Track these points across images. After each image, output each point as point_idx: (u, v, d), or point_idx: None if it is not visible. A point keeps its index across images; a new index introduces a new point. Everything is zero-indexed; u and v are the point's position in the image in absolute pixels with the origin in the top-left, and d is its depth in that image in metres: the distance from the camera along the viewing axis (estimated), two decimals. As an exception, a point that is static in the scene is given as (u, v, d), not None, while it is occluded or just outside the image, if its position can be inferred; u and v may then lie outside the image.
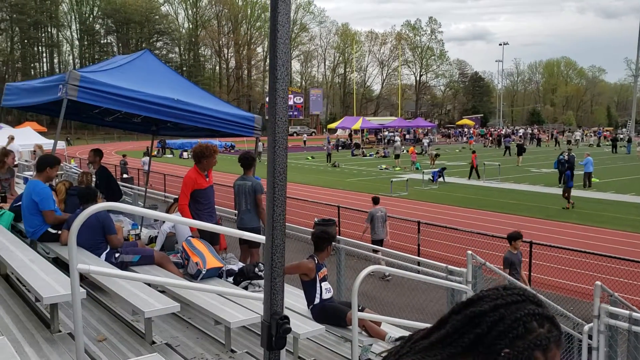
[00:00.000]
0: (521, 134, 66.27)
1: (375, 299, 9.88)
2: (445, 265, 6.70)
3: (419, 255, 11.71)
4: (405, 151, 41.25)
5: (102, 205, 3.42)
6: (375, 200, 13.43)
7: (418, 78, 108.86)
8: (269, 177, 1.27)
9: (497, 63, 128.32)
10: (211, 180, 7.04)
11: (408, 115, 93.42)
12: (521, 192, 24.62)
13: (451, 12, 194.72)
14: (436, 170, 28.37)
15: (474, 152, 31.50)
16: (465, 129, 74.37)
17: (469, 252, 6.59)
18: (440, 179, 27.51)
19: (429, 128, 67.28)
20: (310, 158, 43.37)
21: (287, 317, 1.25)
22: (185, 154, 44.22)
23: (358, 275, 4.21)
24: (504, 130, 71.98)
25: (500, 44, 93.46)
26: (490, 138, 61.78)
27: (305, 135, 66.59)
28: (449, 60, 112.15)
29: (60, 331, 4.02)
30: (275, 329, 1.24)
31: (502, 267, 8.91)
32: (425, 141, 51.94)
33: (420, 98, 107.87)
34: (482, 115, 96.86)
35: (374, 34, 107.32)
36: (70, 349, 3.70)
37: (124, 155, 27.70)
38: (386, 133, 58.71)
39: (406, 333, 5.38)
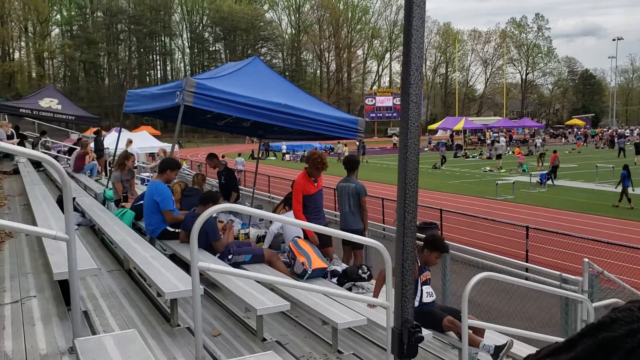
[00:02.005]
0: (636, 133, 61.71)
1: (481, 306, 9.55)
2: (559, 273, 6.38)
3: (527, 262, 11.20)
4: (510, 152, 39.61)
5: (223, 206, 3.55)
6: None
7: (524, 76, 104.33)
8: (400, 183, 1.24)
9: (610, 59, 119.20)
10: (320, 185, 7.10)
11: (513, 115, 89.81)
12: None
13: (558, 7, 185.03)
14: (545, 172, 27.02)
15: (554, 151, 29.74)
16: (575, 129, 70.22)
17: (585, 259, 6.24)
18: (549, 182, 26.16)
19: (535, 128, 64.21)
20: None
21: (419, 326, 1.22)
22: (287, 156, 45.48)
23: (468, 282, 4.11)
24: (617, 130, 67.29)
25: (613, 40, 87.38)
26: (602, 138, 58.04)
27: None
28: (557, 57, 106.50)
29: (179, 325, 4.24)
30: (407, 337, 1.22)
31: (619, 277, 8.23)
32: (538, 141, 49.40)
33: (526, 97, 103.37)
34: (593, 114, 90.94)
35: (477, 32, 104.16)
36: (189, 342, 3.88)
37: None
38: (490, 133, 56.69)
39: (505, 339, 5.12)
